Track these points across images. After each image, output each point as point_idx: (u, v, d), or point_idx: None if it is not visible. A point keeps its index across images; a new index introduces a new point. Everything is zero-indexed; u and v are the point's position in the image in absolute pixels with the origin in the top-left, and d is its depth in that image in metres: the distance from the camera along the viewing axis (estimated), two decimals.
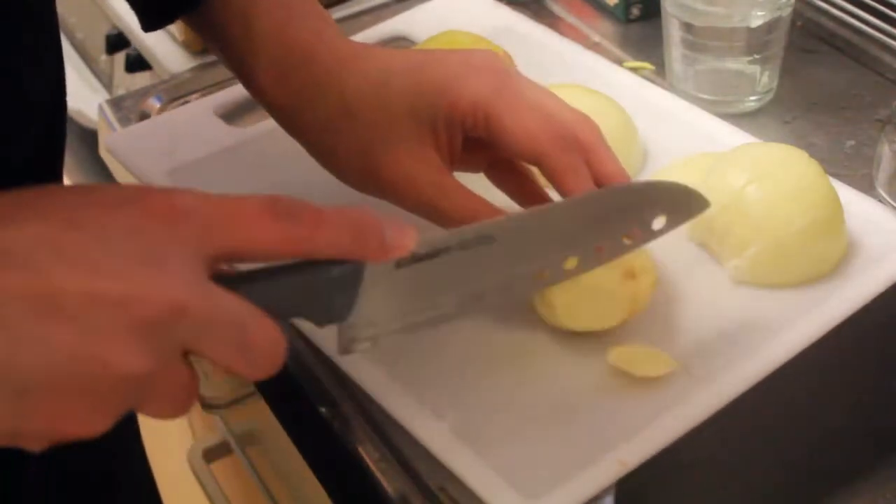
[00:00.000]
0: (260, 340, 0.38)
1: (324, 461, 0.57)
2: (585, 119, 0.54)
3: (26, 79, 0.49)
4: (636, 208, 0.52)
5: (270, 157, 0.60)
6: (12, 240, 0.35)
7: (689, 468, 0.56)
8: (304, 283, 0.41)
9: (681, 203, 0.53)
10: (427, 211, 0.54)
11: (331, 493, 0.57)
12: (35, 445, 0.36)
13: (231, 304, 0.38)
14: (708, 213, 0.59)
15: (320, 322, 0.43)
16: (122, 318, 0.35)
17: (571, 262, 0.51)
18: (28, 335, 0.34)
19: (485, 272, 0.48)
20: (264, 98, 0.57)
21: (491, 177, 0.58)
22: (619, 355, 0.54)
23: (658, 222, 0.52)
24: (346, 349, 0.45)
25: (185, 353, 0.38)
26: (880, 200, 0.65)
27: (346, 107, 0.54)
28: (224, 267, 0.40)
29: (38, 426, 0.35)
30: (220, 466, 0.91)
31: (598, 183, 0.53)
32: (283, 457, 0.67)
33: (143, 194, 0.37)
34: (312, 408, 0.56)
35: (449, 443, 0.51)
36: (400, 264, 0.44)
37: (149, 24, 0.59)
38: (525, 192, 0.57)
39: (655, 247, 0.60)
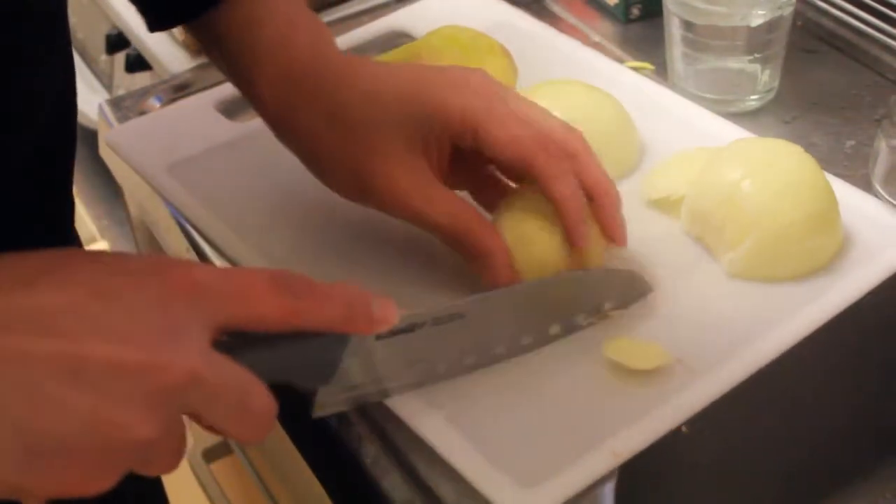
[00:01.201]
0: (257, 407, 0.41)
1: (324, 461, 0.57)
2: (570, 128, 0.56)
3: (36, 80, 0.49)
4: (588, 294, 0.56)
5: (270, 152, 0.60)
6: (40, 305, 0.36)
7: (689, 468, 0.56)
8: (295, 352, 0.45)
9: (627, 289, 0.57)
10: (416, 219, 0.55)
11: (331, 493, 0.57)
12: (34, 501, 0.37)
13: (235, 373, 0.40)
14: (704, 207, 0.60)
15: (305, 386, 0.48)
16: (141, 385, 0.36)
17: (526, 340, 0.55)
18: (48, 399, 0.35)
19: (454, 343, 0.52)
20: (260, 106, 0.58)
21: (477, 199, 0.60)
22: (614, 348, 0.54)
23: (608, 304, 0.56)
24: (321, 409, 0.49)
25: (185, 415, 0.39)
26: (877, 196, 0.65)
27: (338, 118, 0.55)
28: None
29: (44, 485, 0.36)
30: (220, 466, 0.91)
31: (585, 190, 0.55)
32: (283, 457, 0.67)
33: (165, 267, 0.40)
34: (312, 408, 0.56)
35: (444, 432, 0.52)
36: (379, 336, 0.49)
37: (153, 25, 0.60)
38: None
39: (652, 242, 0.60)
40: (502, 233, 0.56)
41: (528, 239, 0.55)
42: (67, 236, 0.59)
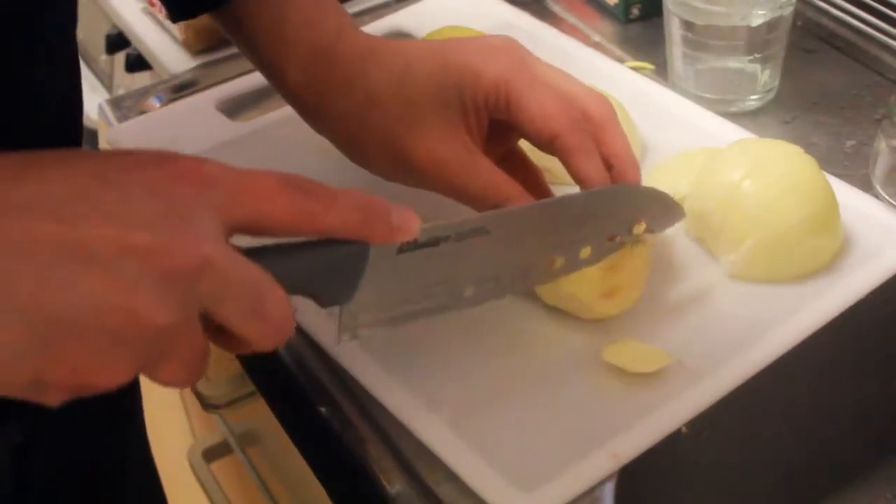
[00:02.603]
0: (273, 309, 0.39)
1: (324, 461, 0.57)
2: (600, 97, 0.55)
3: (42, 81, 0.49)
4: (621, 211, 0.53)
5: (272, 152, 0.60)
6: (46, 193, 0.35)
7: (689, 468, 0.56)
8: (314, 260, 0.43)
9: (661, 210, 0.55)
10: (460, 193, 0.55)
11: (331, 493, 0.57)
12: (55, 397, 0.37)
13: (251, 269, 0.39)
14: (704, 208, 0.60)
15: (324, 302, 0.45)
16: (149, 268, 0.36)
17: (559, 262, 0.53)
18: (57, 279, 0.34)
19: (478, 263, 0.50)
20: (291, 93, 0.58)
21: (504, 168, 0.59)
22: (613, 352, 0.54)
23: (638, 228, 0.54)
24: (343, 333, 0.47)
25: (202, 317, 0.38)
26: (877, 197, 0.65)
27: (372, 99, 0.55)
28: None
29: (61, 374, 0.35)
30: (220, 466, 0.91)
31: (606, 159, 0.54)
32: (283, 457, 0.67)
33: (171, 157, 0.39)
34: (312, 408, 0.56)
35: (444, 436, 0.52)
36: (402, 250, 0.46)
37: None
38: (531, 186, 0.58)
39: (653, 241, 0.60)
40: None
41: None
42: None
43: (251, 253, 0.40)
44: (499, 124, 0.56)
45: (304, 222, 0.41)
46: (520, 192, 0.54)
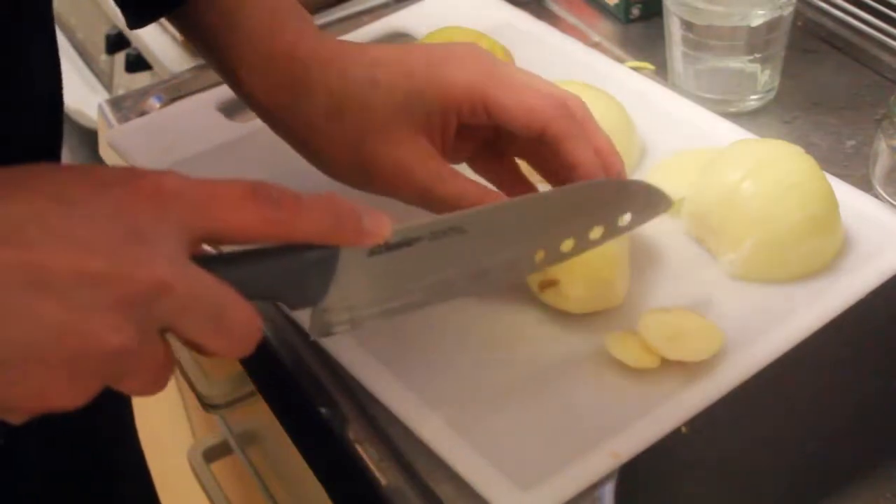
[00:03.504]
0: (236, 320, 0.39)
1: (324, 461, 0.57)
2: (574, 95, 0.55)
3: (22, 79, 0.49)
4: (604, 205, 0.53)
5: (271, 152, 0.60)
6: (3, 216, 0.36)
7: (690, 468, 0.56)
8: (281, 267, 0.43)
9: (646, 201, 0.54)
10: (424, 200, 0.54)
11: (331, 493, 0.57)
12: (16, 417, 0.37)
13: (210, 285, 0.39)
14: (704, 208, 0.60)
15: (294, 305, 0.45)
16: (106, 294, 0.36)
17: (540, 255, 0.52)
18: (14, 307, 0.35)
19: (455, 262, 0.49)
20: (252, 99, 0.57)
21: (475, 167, 0.59)
22: (615, 346, 0.54)
23: (623, 220, 0.53)
24: (319, 332, 0.47)
25: (163, 331, 0.38)
26: (877, 197, 0.65)
27: (335, 106, 0.54)
28: (204, 248, 0.41)
29: (21, 397, 0.36)
30: (220, 466, 0.91)
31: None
32: (283, 457, 0.67)
33: (131, 176, 0.39)
34: (312, 408, 0.56)
35: (443, 435, 0.52)
36: (373, 252, 0.45)
37: (134, 22, 0.59)
38: (507, 180, 0.58)
39: (652, 242, 0.60)
40: None
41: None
42: None
43: (214, 261, 0.40)
44: (465, 126, 0.55)
45: (272, 231, 0.40)
46: (488, 195, 0.54)
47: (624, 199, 0.53)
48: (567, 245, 0.53)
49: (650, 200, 0.55)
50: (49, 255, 0.35)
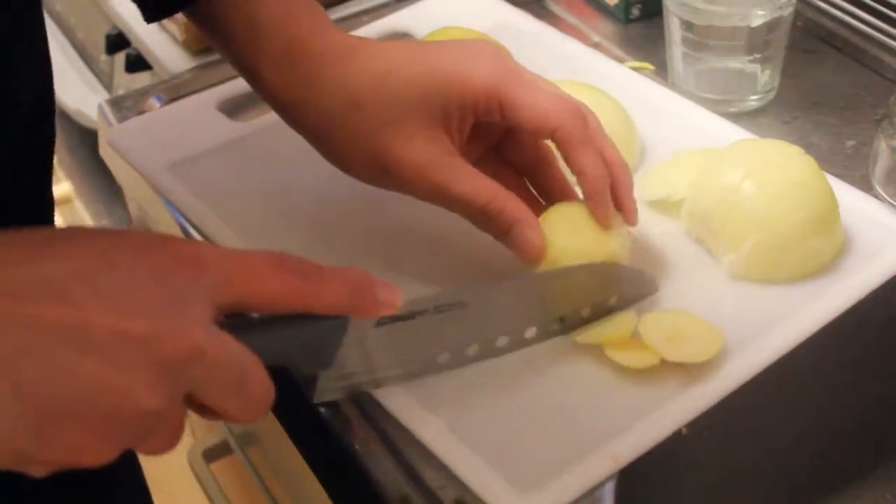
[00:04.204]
0: (256, 387, 0.41)
1: (324, 461, 0.57)
2: (586, 106, 0.56)
3: (12, 80, 0.49)
4: (595, 287, 0.55)
5: (272, 152, 0.60)
6: (49, 274, 0.36)
7: (689, 469, 0.56)
8: (294, 334, 0.45)
9: (635, 288, 0.56)
10: (439, 196, 0.55)
11: (331, 493, 0.57)
12: (40, 472, 0.38)
13: (236, 351, 0.40)
14: (704, 208, 0.60)
15: (303, 370, 0.48)
16: (146, 355, 0.37)
17: (530, 332, 0.54)
18: (56, 364, 0.35)
19: (453, 333, 0.52)
20: (268, 94, 0.57)
21: (482, 169, 0.58)
22: (614, 349, 0.54)
23: (613, 300, 0.55)
24: (321, 396, 0.49)
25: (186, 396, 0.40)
26: (877, 197, 0.65)
27: (351, 100, 0.54)
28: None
29: (52, 452, 0.37)
30: (220, 466, 0.91)
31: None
32: (283, 457, 0.67)
33: (171, 242, 0.40)
34: (312, 408, 0.56)
35: (444, 436, 0.52)
36: (380, 323, 0.48)
37: (151, 16, 0.60)
38: (510, 187, 0.58)
39: (652, 242, 0.60)
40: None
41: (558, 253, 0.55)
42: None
43: (234, 327, 0.41)
44: (478, 125, 0.56)
45: (297, 301, 0.42)
46: (504, 193, 0.54)
47: (615, 281, 0.55)
48: (554, 324, 0.55)
49: (640, 284, 0.57)
50: (92, 314, 0.36)
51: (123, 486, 0.68)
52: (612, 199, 0.56)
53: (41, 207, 0.57)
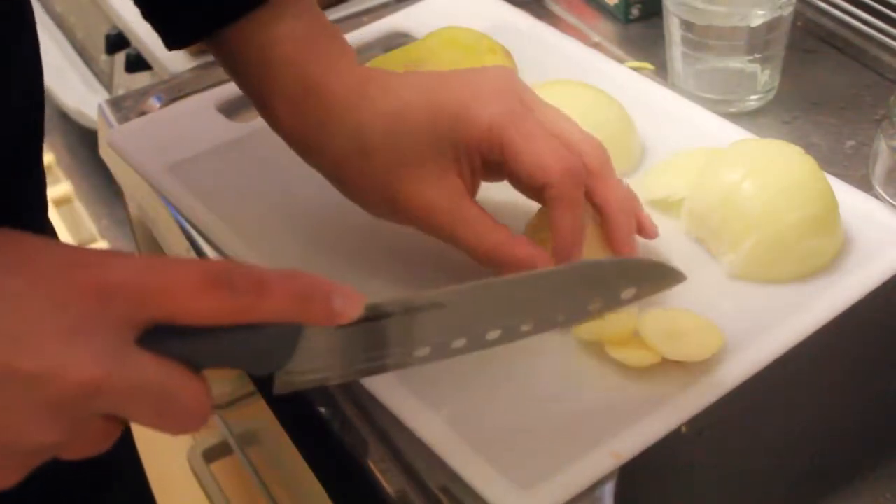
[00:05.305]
0: (183, 402, 0.39)
1: (324, 461, 0.57)
2: (596, 143, 0.55)
3: (1, 69, 0.49)
4: (604, 283, 0.50)
5: (271, 152, 0.60)
6: None
7: (689, 468, 0.56)
8: (243, 341, 0.41)
9: (653, 278, 0.51)
10: (448, 239, 0.55)
11: (331, 493, 0.57)
12: None
13: (154, 372, 0.38)
14: (704, 208, 0.60)
15: (256, 372, 0.44)
16: (35, 394, 0.35)
17: (527, 326, 0.50)
18: None
19: (429, 333, 0.47)
20: (281, 131, 0.57)
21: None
22: (615, 347, 0.54)
23: (627, 293, 0.51)
24: (283, 389, 0.45)
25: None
26: (877, 197, 0.65)
27: (363, 144, 0.54)
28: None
29: None
30: (220, 466, 0.91)
31: (599, 208, 0.55)
32: (283, 457, 0.67)
33: (71, 266, 0.37)
34: (312, 408, 0.56)
35: (444, 435, 0.52)
36: (342, 325, 0.44)
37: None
38: None
39: (652, 242, 0.60)
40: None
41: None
42: (39, 230, 0.58)
43: (169, 334, 0.38)
44: (493, 161, 0.55)
45: (231, 318, 0.39)
46: (511, 241, 0.54)
47: (625, 276, 0.50)
48: (558, 318, 0.50)
49: (655, 275, 0.52)
50: None
51: (124, 485, 0.68)
52: (607, 239, 0.55)
53: (33, 203, 0.57)
